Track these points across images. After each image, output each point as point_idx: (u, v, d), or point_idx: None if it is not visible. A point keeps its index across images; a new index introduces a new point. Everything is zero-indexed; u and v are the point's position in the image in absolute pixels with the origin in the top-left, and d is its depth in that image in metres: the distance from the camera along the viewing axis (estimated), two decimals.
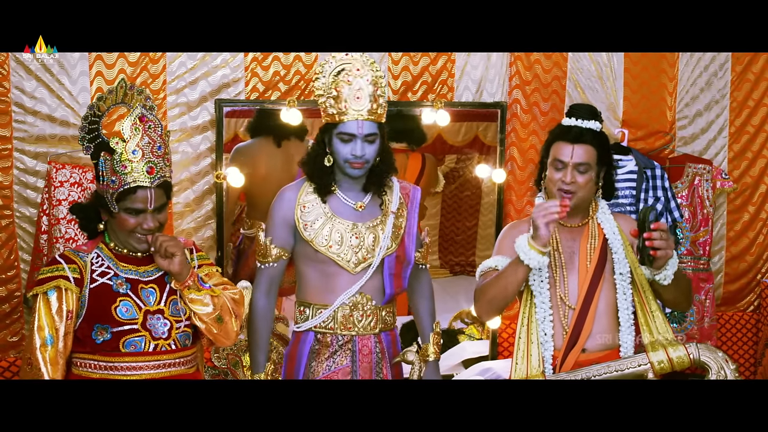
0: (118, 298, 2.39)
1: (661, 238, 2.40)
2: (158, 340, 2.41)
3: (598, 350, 2.60)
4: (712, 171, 4.16)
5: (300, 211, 2.66)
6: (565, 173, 2.58)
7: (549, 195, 2.67)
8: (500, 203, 4.05)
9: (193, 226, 3.69)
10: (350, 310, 2.68)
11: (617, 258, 2.63)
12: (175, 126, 3.63)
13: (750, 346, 4.50)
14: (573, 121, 2.64)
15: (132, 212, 2.38)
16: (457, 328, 4.43)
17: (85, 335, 2.37)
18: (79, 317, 2.37)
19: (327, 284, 2.68)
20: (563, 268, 2.64)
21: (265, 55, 3.70)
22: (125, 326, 2.37)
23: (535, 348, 2.58)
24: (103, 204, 2.40)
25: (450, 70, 3.94)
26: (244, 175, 3.74)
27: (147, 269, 2.46)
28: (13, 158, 3.47)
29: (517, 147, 4.04)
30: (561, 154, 2.59)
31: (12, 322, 3.56)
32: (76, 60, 3.48)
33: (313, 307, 2.69)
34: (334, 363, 2.67)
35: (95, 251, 2.43)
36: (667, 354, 2.50)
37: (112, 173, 2.34)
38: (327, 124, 2.64)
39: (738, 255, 4.43)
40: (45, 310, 2.35)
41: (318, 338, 2.69)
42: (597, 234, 2.67)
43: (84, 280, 2.38)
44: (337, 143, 2.60)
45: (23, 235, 3.52)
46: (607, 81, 4.12)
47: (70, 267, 2.37)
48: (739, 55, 4.27)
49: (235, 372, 3.39)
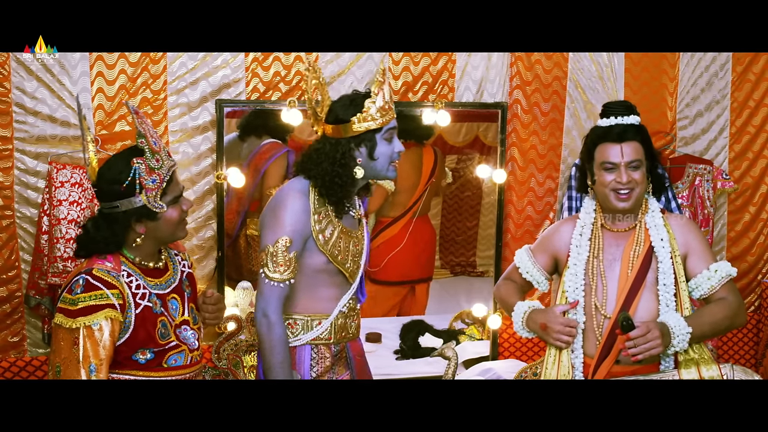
0: (158, 319, 2.30)
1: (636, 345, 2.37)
2: (193, 352, 2.38)
3: (633, 363, 2.48)
4: (712, 171, 4.16)
5: (314, 220, 2.53)
6: (619, 174, 2.53)
7: (601, 198, 2.62)
8: (501, 204, 4.05)
9: (194, 226, 3.69)
10: (344, 318, 2.65)
11: (662, 268, 2.54)
12: (175, 126, 3.63)
13: (751, 347, 4.50)
14: (612, 120, 2.59)
15: (174, 201, 2.31)
16: (458, 329, 4.43)
17: (125, 357, 2.26)
18: (119, 340, 2.24)
19: (318, 294, 2.60)
20: (602, 276, 2.58)
21: (265, 56, 3.70)
22: (166, 345, 2.31)
23: (566, 354, 2.55)
24: (141, 214, 2.26)
25: (451, 70, 3.94)
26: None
27: (167, 278, 2.40)
28: (14, 159, 3.47)
29: (517, 147, 4.04)
30: (610, 156, 2.55)
31: (13, 322, 3.56)
32: (77, 60, 3.48)
33: (309, 321, 2.59)
34: (334, 373, 2.65)
35: (123, 269, 2.29)
36: (700, 373, 2.46)
37: (150, 172, 2.25)
38: (366, 132, 2.52)
39: (739, 255, 4.43)
40: (90, 341, 2.17)
41: (315, 351, 2.61)
42: (643, 240, 2.58)
43: (126, 305, 2.24)
44: (382, 146, 2.54)
45: (24, 235, 3.52)
46: (607, 81, 4.11)
47: (113, 293, 2.21)
48: (740, 55, 4.27)
49: (235, 372, 3.39)
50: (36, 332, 3.60)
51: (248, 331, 3.43)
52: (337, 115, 2.54)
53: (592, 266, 2.59)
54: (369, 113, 2.50)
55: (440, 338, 4.35)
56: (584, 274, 2.58)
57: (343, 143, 2.53)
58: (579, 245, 2.63)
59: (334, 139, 2.55)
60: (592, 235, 2.63)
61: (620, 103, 2.66)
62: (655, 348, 2.37)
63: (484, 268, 4.99)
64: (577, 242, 2.64)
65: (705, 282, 2.56)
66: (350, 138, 2.53)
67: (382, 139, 2.54)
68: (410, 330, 4.34)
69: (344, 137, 2.53)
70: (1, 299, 3.52)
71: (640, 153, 2.57)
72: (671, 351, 2.48)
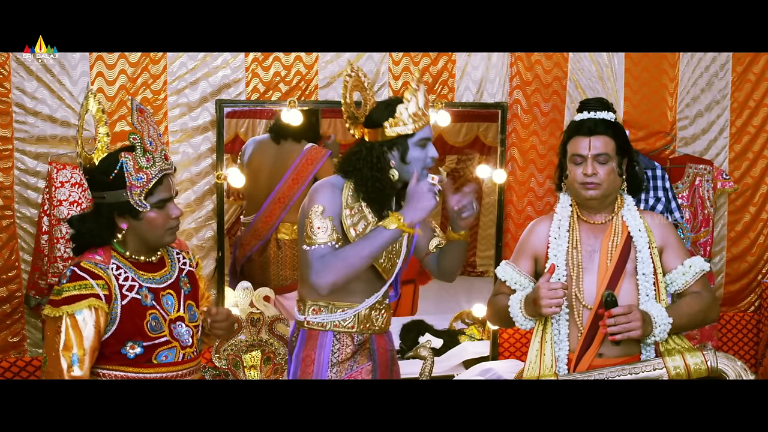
0: (148, 311, 2.30)
1: (617, 324, 2.38)
2: (186, 349, 2.37)
3: (615, 356, 2.51)
4: (712, 171, 4.16)
5: (346, 214, 2.59)
6: (585, 166, 2.56)
7: (572, 192, 2.65)
8: (501, 204, 4.05)
9: (194, 226, 3.69)
10: (369, 309, 2.69)
11: (641, 257, 2.56)
12: (175, 126, 3.64)
13: (751, 347, 4.50)
14: (585, 114, 2.62)
15: (160, 205, 2.31)
16: (458, 329, 4.43)
17: (113, 351, 2.26)
18: (106, 334, 2.25)
19: (350, 286, 2.62)
20: (579, 266, 2.59)
21: (265, 56, 3.70)
22: (157, 339, 2.30)
23: (549, 347, 2.55)
24: (123, 210, 2.28)
25: (450, 70, 3.94)
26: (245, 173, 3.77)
27: (163, 274, 2.40)
28: (14, 159, 3.47)
29: (517, 147, 4.04)
30: (578, 149, 2.58)
31: (13, 322, 3.55)
32: (77, 60, 3.48)
33: (331, 307, 2.66)
34: (355, 362, 2.68)
35: (113, 262, 2.31)
36: (685, 360, 2.48)
37: (137, 170, 2.26)
38: (398, 137, 2.57)
39: (739, 255, 4.43)
40: (74, 331, 2.19)
41: (337, 338, 2.66)
42: (620, 231, 2.60)
43: (112, 296, 2.25)
44: (414, 151, 2.57)
45: (24, 235, 3.52)
46: (607, 81, 4.12)
47: (98, 283, 2.24)
48: (740, 55, 4.27)
49: (235, 372, 3.39)
50: (36, 332, 3.59)
51: (248, 331, 3.44)
52: (372, 119, 2.61)
53: (572, 257, 2.60)
54: (401, 118, 2.56)
55: (440, 338, 4.34)
56: (564, 266, 2.59)
57: (377, 147, 2.59)
58: (558, 237, 2.63)
59: (369, 143, 2.61)
60: (570, 227, 2.65)
61: (596, 99, 2.69)
62: (634, 330, 2.39)
63: (484, 268, 4.99)
64: (555, 234, 2.64)
65: (680, 277, 2.59)
66: (383, 142, 2.59)
67: (414, 144, 2.58)
68: (410, 330, 4.34)
69: (378, 141, 2.59)
70: (1, 299, 3.51)
71: (610, 147, 2.57)
72: (651, 340, 2.50)
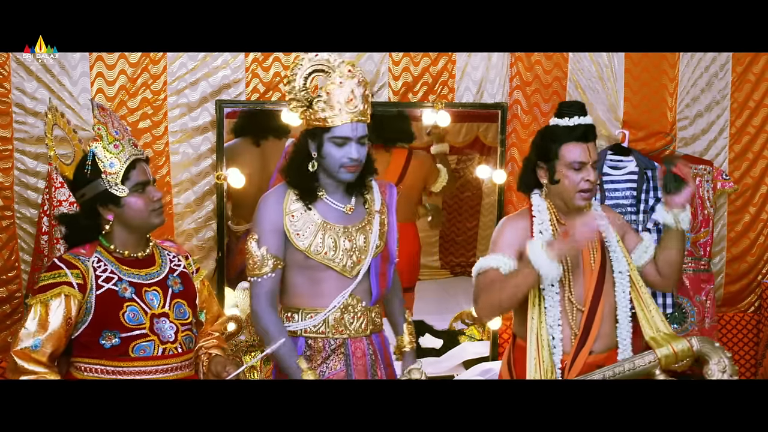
0: (125, 303, 2.37)
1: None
2: (166, 344, 2.41)
3: (601, 351, 2.61)
4: (712, 172, 4.16)
5: (289, 221, 2.60)
6: (588, 173, 2.58)
7: (563, 197, 2.65)
8: (501, 204, 4.05)
9: (194, 226, 3.69)
10: (341, 313, 2.64)
11: (615, 256, 2.64)
12: (175, 127, 3.63)
13: (751, 347, 4.50)
14: (576, 119, 2.63)
15: (139, 189, 2.40)
16: (458, 329, 4.43)
17: (92, 341, 2.34)
18: (83, 323, 2.34)
19: (317, 289, 2.63)
20: (568, 270, 2.61)
21: (265, 56, 3.70)
22: (134, 331, 2.36)
23: (547, 352, 2.56)
24: (105, 199, 2.39)
25: (450, 70, 3.94)
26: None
27: (149, 272, 2.46)
28: (14, 159, 3.47)
29: (517, 148, 4.04)
30: (579, 156, 2.59)
31: (13, 323, 3.55)
32: (77, 61, 3.48)
33: (302, 312, 2.65)
34: (327, 368, 2.64)
35: (95, 255, 2.40)
36: (672, 348, 2.54)
37: (108, 156, 2.38)
38: (315, 129, 2.56)
39: (739, 256, 4.43)
40: (42, 316, 2.30)
41: (309, 344, 2.65)
42: None
43: (87, 286, 2.35)
44: (329, 148, 2.54)
45: (24, 236, 3.52)
46: (607, 82, 4.11)
47: (72, 272, 2.34)
48: (740, 55, 4.27)
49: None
50: None
51: (248, 331, 3.44)
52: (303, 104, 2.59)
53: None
54: (317, 108, 2.53)
55: (440, 338, 4.36)
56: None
57: (303, 134, 2.61)
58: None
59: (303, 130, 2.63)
60: (553, 232, 2.65)
61: (577, 104, 2.71)
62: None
63: None
64: (540, 239, 2.64)
65: (651, 246, 2.74)
66: (306, 130, 2.61)
67: (329, 140, 2.54)
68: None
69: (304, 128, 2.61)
70: (1, 299, 3.51)
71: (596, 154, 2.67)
72: (688, 211, 2.63)
